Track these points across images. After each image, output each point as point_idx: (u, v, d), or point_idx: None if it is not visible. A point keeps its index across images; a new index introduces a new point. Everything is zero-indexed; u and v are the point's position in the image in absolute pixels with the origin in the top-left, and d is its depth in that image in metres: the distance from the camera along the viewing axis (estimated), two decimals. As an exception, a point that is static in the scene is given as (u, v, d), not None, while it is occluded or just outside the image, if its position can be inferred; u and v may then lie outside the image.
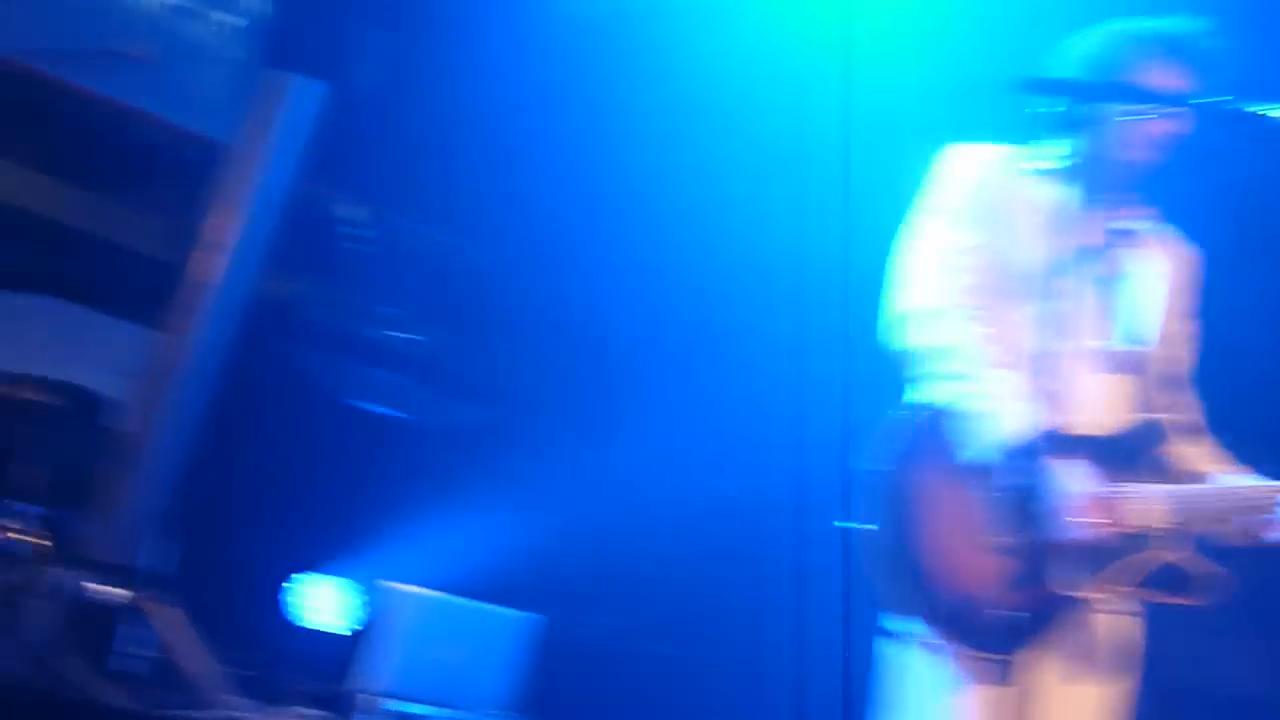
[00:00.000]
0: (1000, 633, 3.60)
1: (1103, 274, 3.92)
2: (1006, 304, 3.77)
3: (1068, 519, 3.61)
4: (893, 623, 3.77)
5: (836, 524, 3.92)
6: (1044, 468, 3.63)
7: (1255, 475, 3.81)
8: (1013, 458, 3.62)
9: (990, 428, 3.63)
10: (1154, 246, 3.99)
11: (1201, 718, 5.63)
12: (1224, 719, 5.65)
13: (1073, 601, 3.65)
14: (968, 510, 3.64)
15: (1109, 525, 3.65)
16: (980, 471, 3.64)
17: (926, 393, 3.85)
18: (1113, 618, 3.80)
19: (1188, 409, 3.99)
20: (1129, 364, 3.90)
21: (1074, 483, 3.64)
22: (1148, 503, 3.65)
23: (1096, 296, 3.90)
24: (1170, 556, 3.65)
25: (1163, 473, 3.76)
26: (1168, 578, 3.67)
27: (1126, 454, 3.76)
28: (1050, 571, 3.63)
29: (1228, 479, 3.78)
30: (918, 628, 3.72)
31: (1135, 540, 3.67)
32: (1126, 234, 3.95)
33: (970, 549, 3.65)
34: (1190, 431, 3.90)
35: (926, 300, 3.86)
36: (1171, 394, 3.94)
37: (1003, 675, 3.63)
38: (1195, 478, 3.82)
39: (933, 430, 3.79)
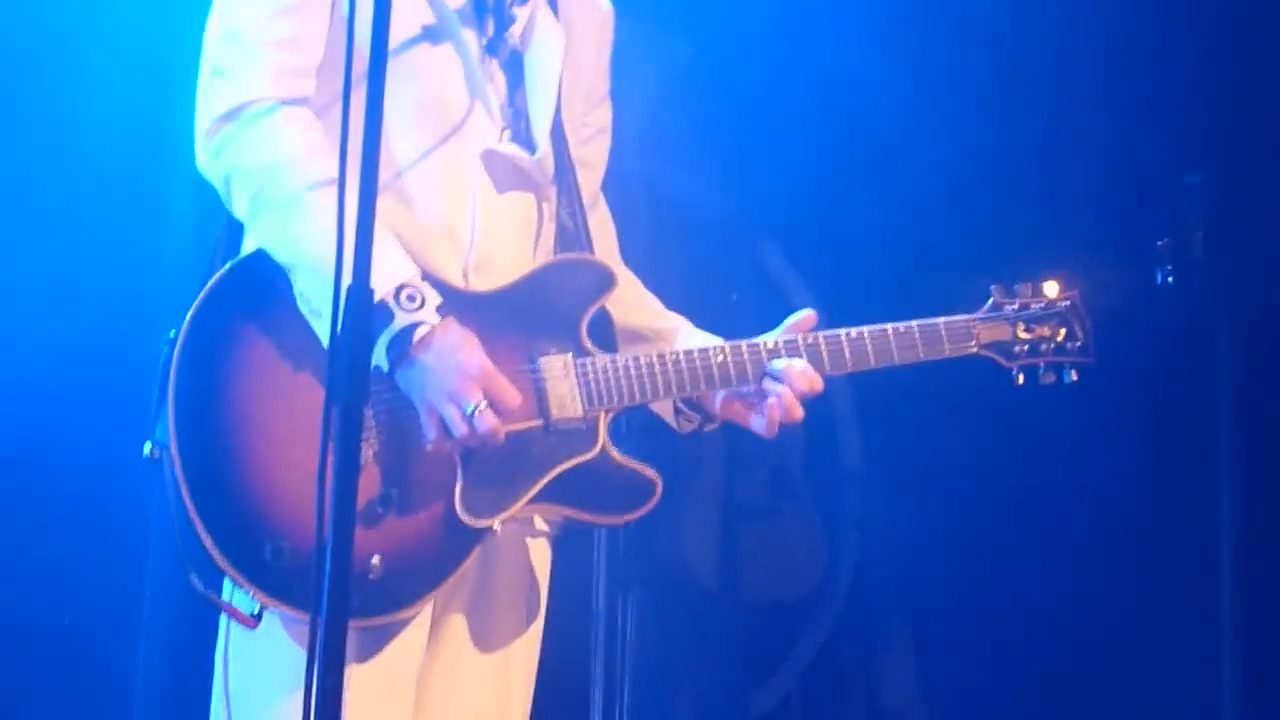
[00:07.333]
0: (378, 590, 2.49)
1: (496, 44, 2.71)
2: (353, 92, 2.31)
3: (464, 418, 2.47)
4: (209, 585, 2.54)
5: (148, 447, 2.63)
6: (427, 345, 2.46)
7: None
8: (377, 330, 2.42)
9: (340, 285, 2.22)
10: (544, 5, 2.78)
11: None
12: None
13: (476, 534, 2.56)
14: (313, 412, 2.33)
15: (525, 423, 2.54)
16: (328, 355, 2.27)
17: (248, 236, 2.60)
18: (521, 547, 2.72)
19: (607, 238, 2.88)
20: (533, 179, 2.72)
21: (471, 363, 2.48)
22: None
23: (492, 79, 2.69)
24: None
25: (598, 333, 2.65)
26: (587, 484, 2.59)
27: (533, 314, 2.62)
28: (449, 496, 2.53)
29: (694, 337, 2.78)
30: (253, 588, 2.50)
31: (536, 440, 2.57)
32: None
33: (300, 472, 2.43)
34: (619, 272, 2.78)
35: (232, 100, 2.57)
36: (588, 218, 2.79)
37: (379, 645, 2.54)
38: (638, 335, 2.78)
39: (255, 294, 2.55)
